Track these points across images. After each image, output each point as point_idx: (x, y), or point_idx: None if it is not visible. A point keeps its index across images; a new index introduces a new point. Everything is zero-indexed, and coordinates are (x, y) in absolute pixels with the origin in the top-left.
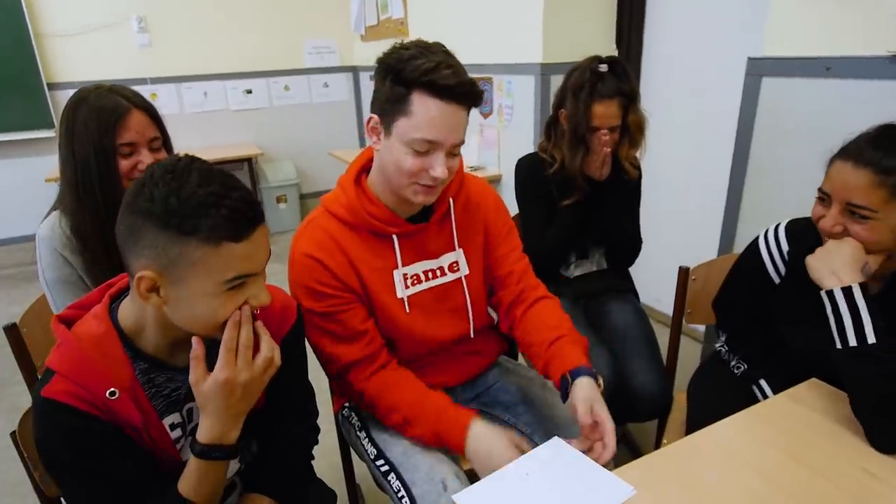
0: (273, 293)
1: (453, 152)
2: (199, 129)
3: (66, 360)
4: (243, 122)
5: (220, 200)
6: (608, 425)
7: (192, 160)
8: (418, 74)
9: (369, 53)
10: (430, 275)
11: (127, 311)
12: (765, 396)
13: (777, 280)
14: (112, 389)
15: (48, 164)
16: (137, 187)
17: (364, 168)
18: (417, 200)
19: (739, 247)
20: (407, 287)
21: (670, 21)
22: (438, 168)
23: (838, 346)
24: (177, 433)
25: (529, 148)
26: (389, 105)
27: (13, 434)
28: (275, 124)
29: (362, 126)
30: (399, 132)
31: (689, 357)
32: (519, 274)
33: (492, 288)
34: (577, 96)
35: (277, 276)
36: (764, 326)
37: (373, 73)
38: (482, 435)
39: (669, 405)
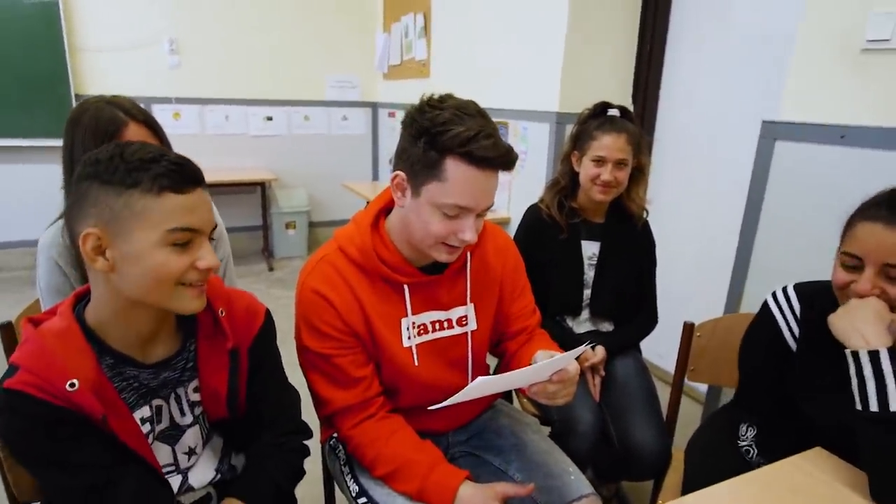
0: (239, 297)
1: (482, 214)
2: (218, 150)
3: (29, 354)
4: (261, 148)
5: (160, 157)
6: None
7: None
8: (456, 144)
9: (390, 91)
10: (437, 326)
11: (91, 308)
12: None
13: (793, 346)
14: (72, 381)
15: None
16: (82, 163)
17: (384, 209)
18: (441, 259)
19: (746, 306)
20: (410, 338)
21: (688, 78)
22: (468, 233)
23: (858, 407)
24: (146, 427)
25: (539, 195)
26: (421, 167)
27: None
28: (291, 152)
29: (377, 159)
30: (429, 196)
31: (689, 416)
32: (530, 330)
33: (499, 339)
34: (585, 128)
35: (281, 300)
36: (779, 400)
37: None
38: (470, 499)
39: (668, 464)
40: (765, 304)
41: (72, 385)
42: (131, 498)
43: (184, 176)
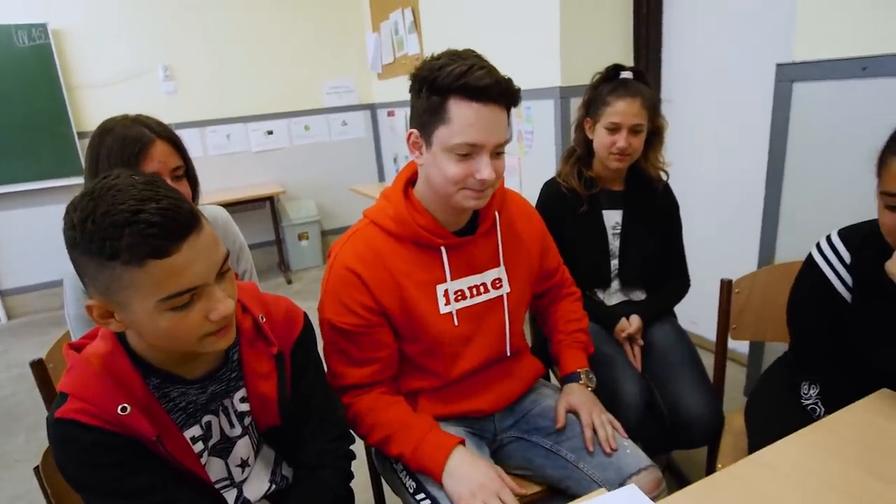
0: (277, 302)
1: (498, 151)
2: (223, 171)
3: (76, 381)
4: (265, 163)
5: (134, 216)
6: (585, 419)
7: (117, 176)
8: (452, 80)
9: (386, 90)
10: (474, 291)
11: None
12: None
13: (847, 297)
14: (123, 405)
15: None
16: (64, 217)
17: (410, 180)
18: (469, 205)
19: (781, 257)
20: (449, 303)
21: (688, 35)
22: (484, 170)
23: None
24: (199, 447)
25: (551, 173)
26: (427, 116)
27: (37, 469)
28: (295, 163)
29: (381, 161)
30: (439, 141)
31: (732, 380)
32: (561, 282)
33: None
34: (598, 93)
35: (309, 311)
36: (840, 353)
37: (389, 108)
38: (465, 459)
39: (721, 429)
40: (809, 258)
41: (123, 409)
42: None
43: (166, 233)
